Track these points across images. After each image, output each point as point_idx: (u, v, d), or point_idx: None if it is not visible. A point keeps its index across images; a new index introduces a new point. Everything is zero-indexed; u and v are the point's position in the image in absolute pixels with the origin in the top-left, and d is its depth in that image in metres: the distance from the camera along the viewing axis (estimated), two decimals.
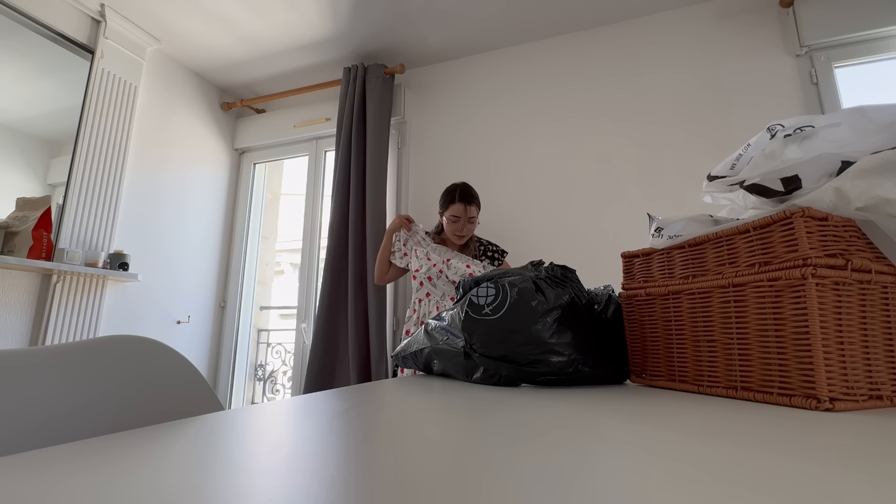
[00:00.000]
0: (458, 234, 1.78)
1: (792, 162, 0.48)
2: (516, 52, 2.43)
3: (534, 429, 0.33)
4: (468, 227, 1.79)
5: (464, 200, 1.76)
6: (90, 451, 0.27)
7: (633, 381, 0.63)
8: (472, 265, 1.71)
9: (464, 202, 1.76)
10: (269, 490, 0.20)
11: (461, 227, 1.77)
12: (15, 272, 1.80)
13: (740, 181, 0.53)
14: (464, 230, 1.78)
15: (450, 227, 1.79)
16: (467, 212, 1.76)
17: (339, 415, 0.38)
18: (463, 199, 1.76)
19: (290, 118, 2.76)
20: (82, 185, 2.01)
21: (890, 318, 0.44)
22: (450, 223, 1.78)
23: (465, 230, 1.79)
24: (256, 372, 2.87)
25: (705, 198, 0.63)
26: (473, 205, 1.78)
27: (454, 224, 1.77)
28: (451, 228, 1.78)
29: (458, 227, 1.77)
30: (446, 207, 1.79)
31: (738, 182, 0.53)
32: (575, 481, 0.21)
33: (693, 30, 2.12)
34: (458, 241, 1.80)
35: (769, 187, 0.50)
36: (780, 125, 0.57)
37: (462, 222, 1.77)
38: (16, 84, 1.90)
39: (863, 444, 0.28)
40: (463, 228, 1.77)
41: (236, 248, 2.76)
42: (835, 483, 0.20)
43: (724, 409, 0.41)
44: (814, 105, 1.87)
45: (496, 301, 0.62)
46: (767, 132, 0.57)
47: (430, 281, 1.78)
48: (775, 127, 0.57)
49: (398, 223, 1.83)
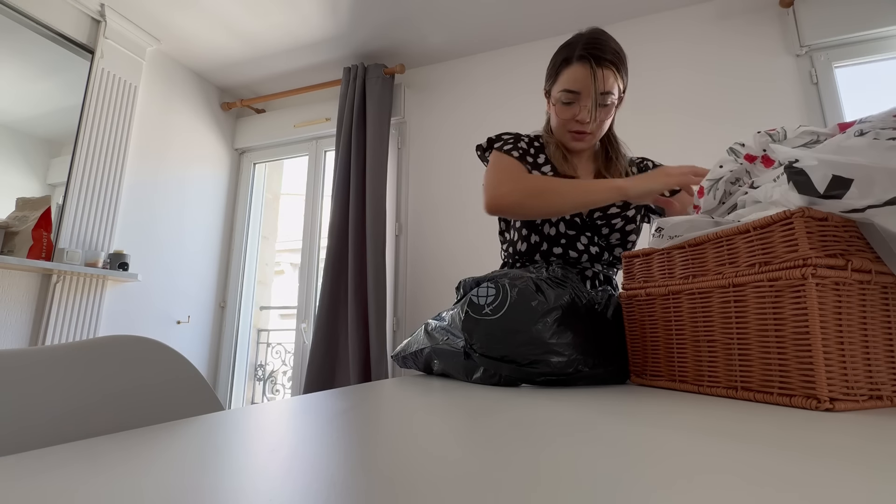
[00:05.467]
0: (577, 132, 0.93)
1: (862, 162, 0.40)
2: (516, 52, 2.42)
3: (534, 429, 0.32)
4: (601, 114, 0.91)
5: (590, 59, 0.87)
6: (90, 452, 0.27)
7: (633, 382, 0.63)
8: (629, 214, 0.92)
9: (589, 62, 0.87)
10: (269, 490, 0.20)
11: (583, 112, 0.90)
12: (15, 272, 1.80)
13: (791, 160, 0.44)
14: (588, 120, 0.90)
15: (559, 117, 0.94)
16: (598, 81, 0.87)
17: (339, 415, 0.38)
18: (588, 57, 0.87)
19: (290, 118, 2.76)
20: (82, 185, 2.01)
21: (890, 319, 0.44)
22: (560, 108, 0.93)
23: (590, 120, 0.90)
24: (256, 372, 2.87)
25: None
26: (610, 68, 0.88)
27: (568, 109, 0.92)
28: (562, 119, 0.94)
29: (576, 111, 0.91)
30: (555, 77, 0.94)
31: (787, 161, 0.45)
32: (575, 481, 0.21)
33: (693, 30, 2.12)
34: (578, 143, 0.96)
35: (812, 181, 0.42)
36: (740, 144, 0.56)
37: (585, 103, 0.89)
38: (16, 84, 1.90)
39: (863, 444, 0.28)
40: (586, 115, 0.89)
41: (236, 248, 2.76)
42: (835, 483, 0.20)
43: (724, 409, 0.41)
44: (814, 105, 1.87)
45: (496, 301, 0.62)
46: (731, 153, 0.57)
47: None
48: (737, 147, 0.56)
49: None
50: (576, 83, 0.89)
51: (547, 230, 0.96)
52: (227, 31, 2.32)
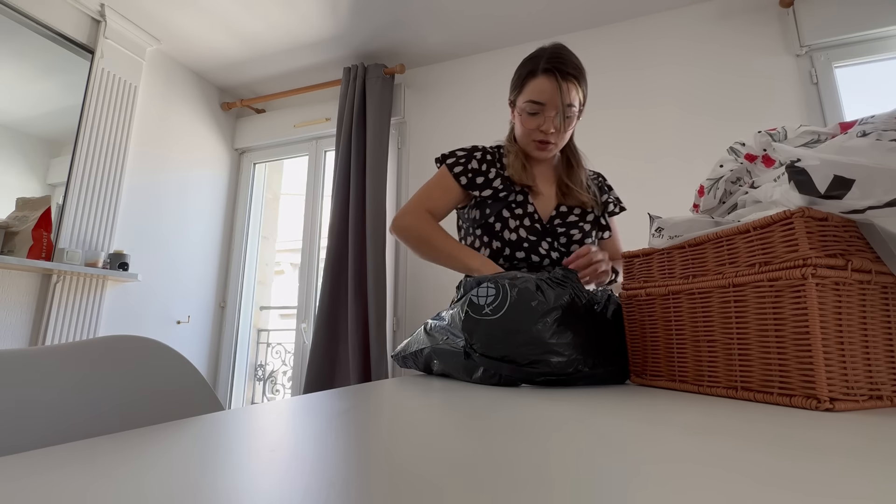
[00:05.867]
0: (541, 142, 0.97)
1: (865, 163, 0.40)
2: (516, 52, 2.40)
3: (535, 429, 0.32)
4: (564, 125, 0.95)
5: (555, 72, 0.91)
6: (90, 452, 0.27)
7: (633, 382, 0.63)
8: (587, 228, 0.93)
9: (554, 75, 0.91)
10: (269, 490, 0.20)
11: (547, 123, 0.94)
12: (15, 272, 1.80)
13: (792, 159, 0.44)
14: (552, 130, 0.94)
15: (524, 127, 0.97)
16: (562, 93, 0.91)
17: (339, 415, 0.38)
18: (553, 70, 0.91)
19: (290, 118, 2.75)
20: (82, 185, 2.01)
21: (890, 319, 0.44)
22: (525, 118, 0.96)
23: (555, 130, 0.94)
24: (256, 372, 2.87)
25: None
26: (572, 81, 0.93)
27: (533, 119, 0.95)
28: (527, 129, 0.97)
29: (541, 122, 0.94)
30: (520, 88, 0.97)
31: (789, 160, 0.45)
32: (575, 481, 0.21)
33: (693, 29, 2.12)
34: (542, 152, 0.99)
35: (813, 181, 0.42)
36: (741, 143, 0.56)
37: (549, 114, 0.93)
38: (16, 84, 1.90)
39: (863, 443, 0.28)
40: (550, 126, 0.94)
41: (236, 248, 2.76)
42: (835, 483, 0.20)
43: (724, 409, 0.41)
44: (814, 105, 1.87)
45: (496, 301, 0.62)
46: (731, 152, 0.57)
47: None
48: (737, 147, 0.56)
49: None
50: (541, 94, 0.93)
51: (508, 235, 0.99)
52: (227, 31, 2.31)
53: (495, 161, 1.04)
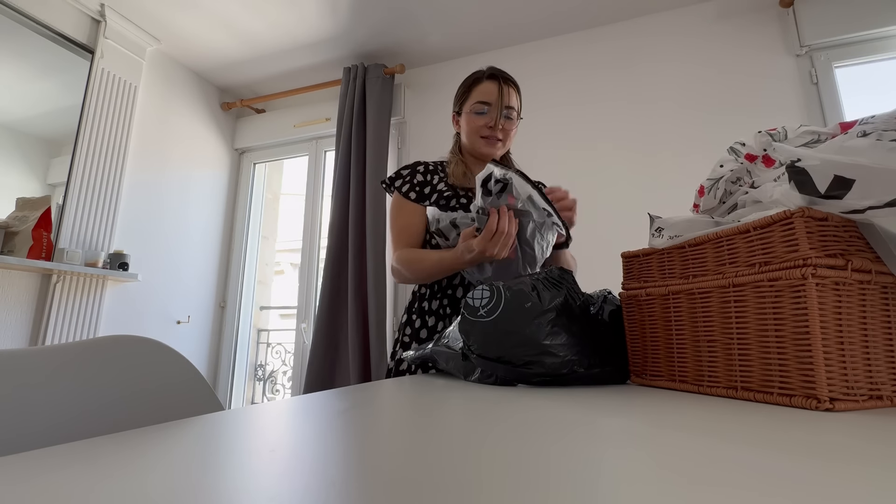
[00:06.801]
0: (488, 138, 1.06)
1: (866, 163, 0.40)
2: (516, 52, 2.42)
3: (535, 429, 0.32)
4: (507, 124, 1.06)
5: (498, 77, 1.06)
6: (90, 451, 0.27)
7: (633, 382, 0.63)
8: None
9: (498, 80, 1.05)
10: (269, 490, 0.20)
11: (494, 119, 1.03)
12: (15, 272, 1.80)
13: (793, 159, 0.45)
14: (499, 126, 1.04)
15: (471, 126, 1.07)
16: (504, 95, 1.04)
17: (339, 415, 0.38)
18: (497, 76, 1.06)
19: (290, 118, 2.76)
20: (82, 185, 2.01)
21: (890, 319, 0.44)
22: (472, 118, 1.06)
23: (501, 127, 1.05)
24: (256, 372, 2.87)
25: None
26: (513, 88, 1.07)
27: (481, 117, 1.05)
28: (475, 127, 1.06)
29: (488, 120, 1.04)
30: (467, 94, 1.09)
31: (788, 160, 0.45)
32: (575, 480, 0.21)
33: (693, 29, 2.12)
34: (490, 148, 1.07)
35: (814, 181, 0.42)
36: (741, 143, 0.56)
37: (495, 112, 1.03)
38: (16, 84, 1.90)
39: (863, 444, 0.28)
40: (497, 122, 1.03)
41: (236, 248, 2.76)
42: (835, 483, 0.20)
43: (724, 409, 0.41)
44: (814, 105, 1.87)
45: (490, 303, 0.62)
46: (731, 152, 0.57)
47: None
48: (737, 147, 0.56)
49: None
50: (489, 95, 1.05)
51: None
52: (227, 31, 2.31)
53: (438, 171, 1.14)
